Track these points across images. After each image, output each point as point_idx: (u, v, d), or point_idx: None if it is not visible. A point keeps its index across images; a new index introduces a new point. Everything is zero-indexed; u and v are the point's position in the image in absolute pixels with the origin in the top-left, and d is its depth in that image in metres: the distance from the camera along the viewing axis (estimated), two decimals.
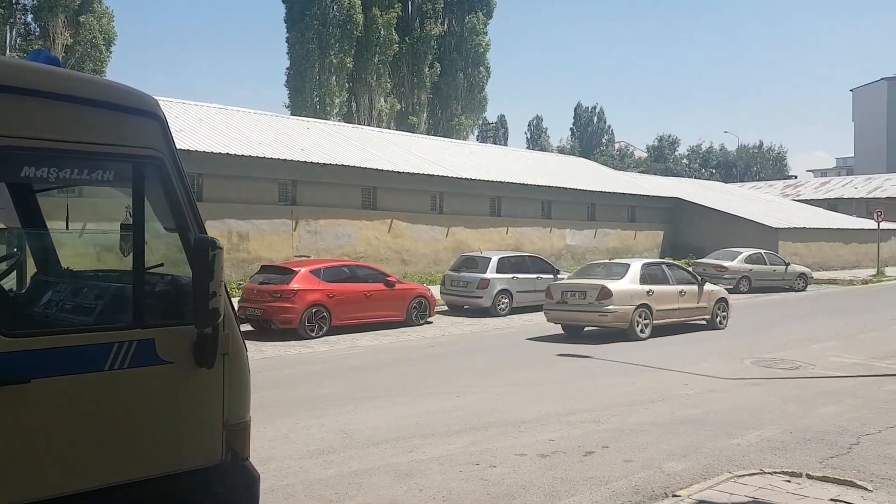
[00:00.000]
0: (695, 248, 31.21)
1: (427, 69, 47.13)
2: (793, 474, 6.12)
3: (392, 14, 43.99)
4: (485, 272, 17.17)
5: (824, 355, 12.21)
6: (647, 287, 14.33)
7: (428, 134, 43.00)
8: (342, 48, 42.40)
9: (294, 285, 13.95)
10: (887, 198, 45.36)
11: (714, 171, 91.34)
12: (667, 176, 57.69)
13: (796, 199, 49.50)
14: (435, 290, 18.00)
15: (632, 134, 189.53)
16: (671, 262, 18.78)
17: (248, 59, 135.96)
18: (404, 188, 24.34)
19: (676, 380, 10.15)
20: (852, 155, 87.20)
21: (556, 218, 29.58)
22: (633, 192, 33.87)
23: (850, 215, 42.03)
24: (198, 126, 21.94)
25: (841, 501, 5.49)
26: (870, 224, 34.22)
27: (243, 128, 23.61)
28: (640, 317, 14.04)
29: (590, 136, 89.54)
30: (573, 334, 14.66)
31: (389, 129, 40.72)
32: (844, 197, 49.25)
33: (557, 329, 15.20)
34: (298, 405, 8.70)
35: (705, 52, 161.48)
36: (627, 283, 14.22)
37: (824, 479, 6.03)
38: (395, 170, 23.89)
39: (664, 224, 34.67)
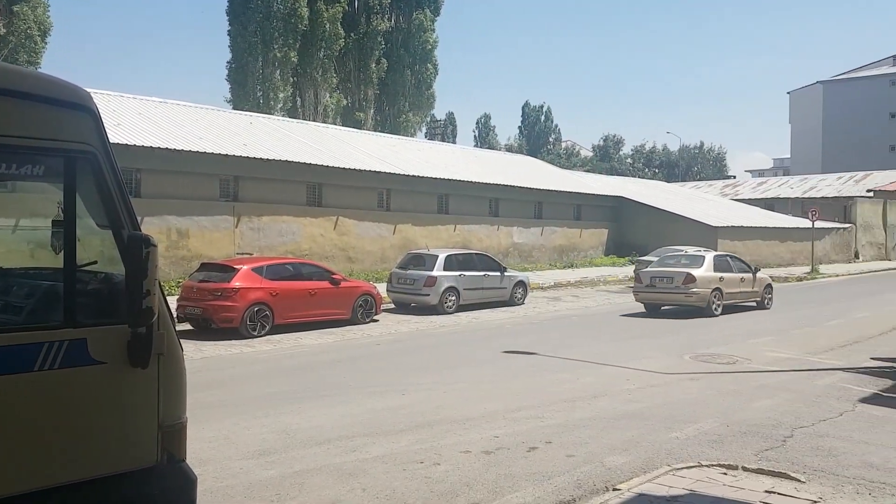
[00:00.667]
0: (638, 246, 31.73)
1: (374, 65, 46.80)
2: (729, 467, 6.25)
3: (338, 8, 43.54)
4: (432, 270, 17.12)
5: (761, 350, 12.56)
6: (719, 274, 17.59)
7: (375, 130, 42.69)
8: (286, 42, 41.76)
9: (235, 283, 13.67)
10: (821, 197, 46.99)
11: (657, 170, 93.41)
12: (612, 175, 58.67)
13: (735, 198, 50.84)
14: (382, 288, 17.86)
15: (578, 133, 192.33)
16: (733, 254, 21.38)
17: (189, 52, 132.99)
18: (350, 185, 24.07)
19: (619, 375, 10.29)
20: (789, 156, 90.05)
21: (504, 216, 29.74)
22: (579, 191, 34.29)
23: (787, 214, 43.36)
24: (136, 120, 21.29)
25: (775, 493, 5.62)
26: (805, 223, 35.38)
27: (184, 122, 23.03)
28: (715, 298, 17.22)
29: (537, 135, 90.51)
30: (653, 312, 17.78)
31: (335, 124, 40.35)
32: (781, 197, 50.80)
33: (502, 328, 15.36)
34: (240, 405, 8.53)
35: (649, 54, 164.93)
36: (705, 271, 17.41)
37: (759, 471, 6.18)
38: (342, 166, 23.61)
39: (609, 222, 35.21)
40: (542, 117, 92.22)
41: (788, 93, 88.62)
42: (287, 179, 22.44)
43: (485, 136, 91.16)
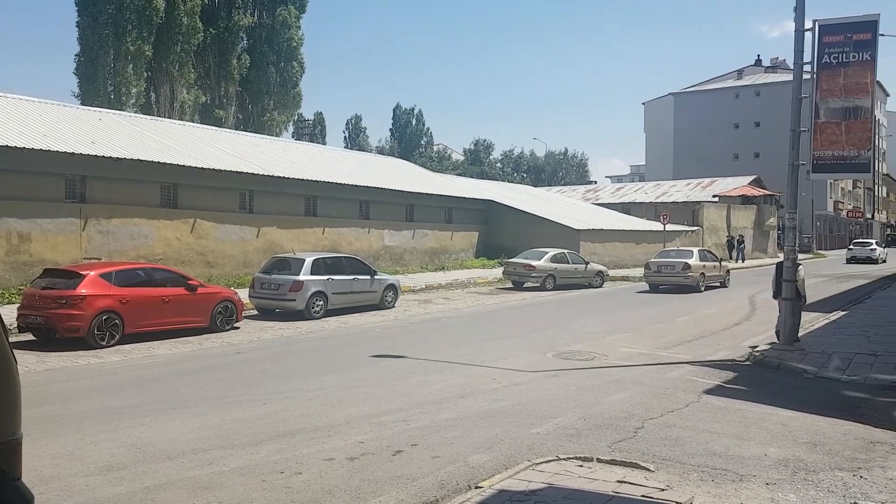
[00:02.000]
0: (507, 248, 32.47)
1: (235, 61, 45.27)
2: (585, 459, 6.45)
3: (196, 1, 41.79)
4: (298, 274, 16.63)
5: (616, 346, 13.15)
6: (703, 263, 25.19)
7: (237, 129, 41.26)
8: (140, 35, 39.60)
9: (81, 290, 12.70)
10: (672, 202, 50.22)
11: (525, 174, 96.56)
12: (482, 179, 59.92)
13: (596, 202, 53.35)
14: (244, 294, 17.20)
15: (450, 137, 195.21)
16: (707, 249, 29.57)
17: (34, 44, 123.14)
18: (209, 185, 22.95)
19: (486, 375, 10.43)
20: (644, 163, 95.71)
21: (375, 218, 29.46)
22: (451, 194, 34.65)
23: (642, 218, 45.97)
24: None
25: (626, 483, 5.85)
26: (658, 226, 37.59)
27: (26, 118, 21.16)
28: (701, 279, 24.61)
29: (409, 138, 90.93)
30: (654, 289, 25.04)
31: (194, 122, 38.61)
32: (637, 201, 53.85)
33: (372, 332, 15.22)
34: (87, 419, 7.97)
35: (518, 62, 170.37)
36: (695, 261, 24.82)
37: (612, 462, 6.42)
38: (199, 166, 22.42)
39: (479, 225, 35.82)
40: (414, 120, 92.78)
41: (643, 103, 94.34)
42: (139, 179, 21.09)
43: (355, 138, 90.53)
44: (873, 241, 52.29)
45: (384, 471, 6.24)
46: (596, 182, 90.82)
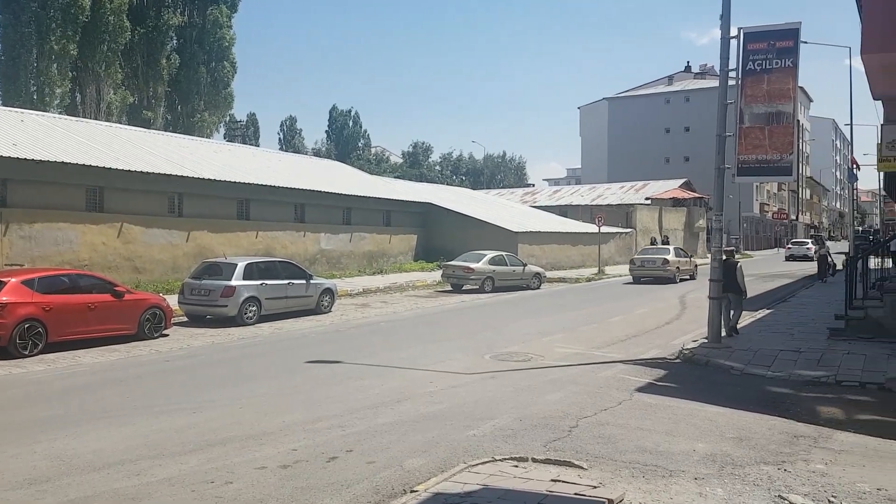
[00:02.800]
0: (446, 251, 32.52)
1: (164, 61, 44.06)
2: (520, 459, 6.48)
3: (123, 0, 40.53)
4: (230, 279, 16.23)
5: (552, 347, 13.29)
6: (678, 258, 29.76)
7: (166, 130, 40.15)
8: (65, 34, 38.16)
9: (2, 298, 12.18)
10: (607, 205, 51.23)
11: (464, 177, 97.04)
12: (421, 182, 59.92)
13: (534, 205, 53.97)
14: (173, 300, 16.70)
15: (388, 139, 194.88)
16: (681, 248, 33.95)
17: None
18: (137, 189, 22.19)
19: (423, 378, 10.39)
20: (580, 166, 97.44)
21: (311, 222, 29.05)
22: (389, 197, 34.50)
23: (578, 220, 46.74)
24: None
25: (560, 481, 5.89)
26: (593, 228, 38.24)
27: None
28: (677, 272, 28.96)
29: (346, 140, 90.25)
30: (637, 281, 29.08)
31: (121, 123, 37.43)
32: (573, 204, 54.70)
33: (307, 337, 15.02)
34: (8, 431, 7.68)
35: (456, 66, 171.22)
36: (672, 256, 29.45)
37: (547, 461, 6.46)
38: (126, 168, 21.67)
39: (418, 228, 35.77)
40: (351, 122, 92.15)
41: (579, 108, 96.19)
42: (63, 182, 20.27)
43: (290, 140, 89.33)
44: (808, 240, 56.44)
45: (318, 478, 6.13)
46: (534, 185, 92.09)
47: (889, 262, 18.11)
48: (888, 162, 15.47)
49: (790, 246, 53.69)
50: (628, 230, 45.33)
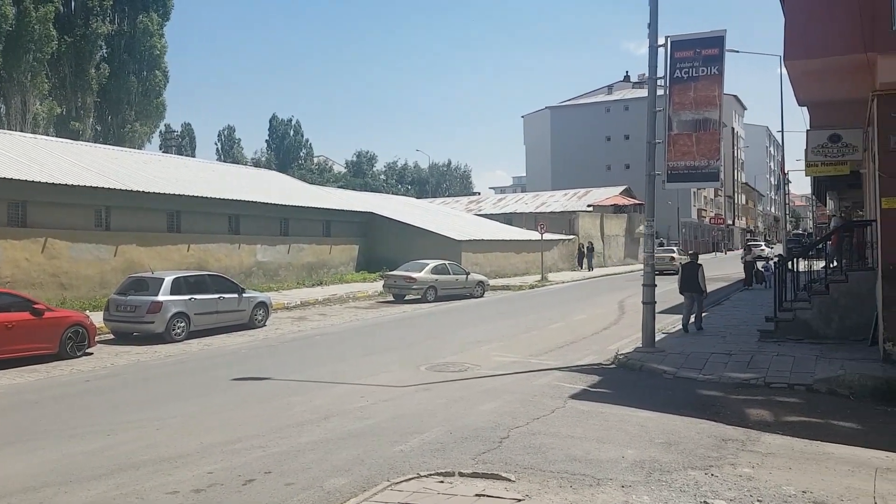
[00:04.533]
0: (389, 261, 32.19)
1: (93, 70, 42.65)
2: (446, 474, 6.27)
3: (49, 8, 39.09)
4: (157, 294, 15.61)
5: (490, 356, 13.15)
6: (680, 256, 34.21)
7: (96, 142, 38.84)
8: None
9: None
10: (550, 212, 51.71)
11: (409, 186, 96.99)
12: (366, 191, 59.46)
13: (479, 213, 54.12)
14: (100, 317, 16.00)
15: (331, 149, 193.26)
16: (679, 247, 38.99)
17: None
18: (62, 202, 21.22)
19: (354, 393, 10.10)
20: (525, 174, 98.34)
21: (246, 233, 28.29)
22: (329, 207, 34.00)
23: (522, 228, 47.01)
24: None
25: (485, 496, 5.70)
26: (537, 235, 38.43)
27: None
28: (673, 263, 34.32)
29: (287, 150, 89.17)
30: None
31: (48, 135, 36.01)
32: (518, 212, 55.05)
33: (237, 353, 14.52)
34: None
35: (400, 74, 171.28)
36: (676, 254, 36.78)
37: (474, 475, 6.27)
38: (50, 181, 20.73)
39: (360, 238, 35.33)
40: (292, 131, 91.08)
41: (523, 116, 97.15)
42: None
43: (229, 150, 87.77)
44: (762, 242, 61.32)
45: (231, 502, 5.83)
46: (479, 193, 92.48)
47: (820, 264, 18.58)
48: (815, 167, 15.84)
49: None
50: (571, 237, 45.80)
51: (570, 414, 8.63)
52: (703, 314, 16.44)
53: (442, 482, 6.09)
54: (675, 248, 40.86)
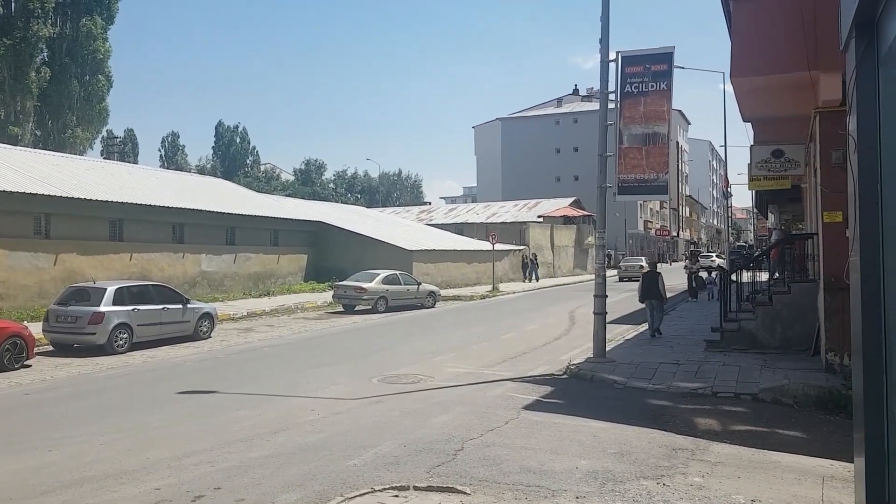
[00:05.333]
0: (338, 271, 31.86)
1: (34, 74, 41.30)
2: (401, 489, 6.20)
3: None
4: (98, 305, 15.10)
5: (443, 367, 13.09)
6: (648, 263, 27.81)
7: (35, 147, 37.53)
8: None
9: None
10: (501, 223, 52.02)
11: (359, 195, 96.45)
12: (314, 200, 58.84)
13: (430, 223, 54.07)
14: (38, 328, 15.40)
15: (279, 156, 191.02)
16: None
17: None
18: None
19: (305, 406, 9.92)
20: (476, 184, 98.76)
21: (190, 242, 27.62)
22: (277, 216, 33.50)
23: (474, 238, 47.14)
24: None
25: None
26: (488, 245, 38.58)
27: None
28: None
29: (233, 157, 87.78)
30: (621, 280, 41.61)
31: None
32: (469, 222, 55.20)
33: (182, 366, 14.15)
34: None
35: (349, 82, 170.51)
36: (646, 262, 28.47)
37: (429, 488, 6.21)
38: None
39: (309, 247, 34.91)
40: (238, 138, 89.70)
41: (473, 127, 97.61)
42: None
43: (172, 157, 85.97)
44: (714, 254, 63.80)
45: None
46: (430, 203, 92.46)
47: (764, 275, 19.11)
48: (757, 181, 16.34)
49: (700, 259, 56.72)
50: (522, 247, 46.14)
51: (524, 425, 8.64)
52: (645, 326, 16.79)
53: (397, 496, 6.02)
54: (643, 258, 43.47)
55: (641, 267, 39.04)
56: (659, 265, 20.74)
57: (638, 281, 29.34)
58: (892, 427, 4.19)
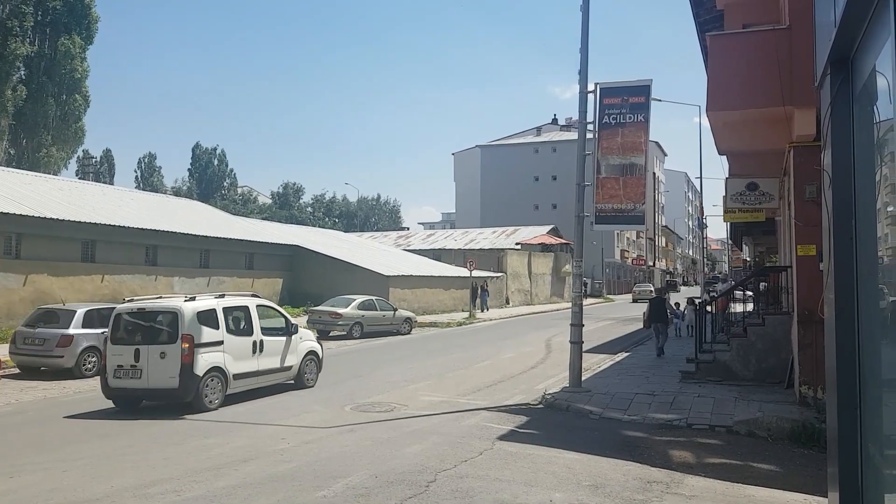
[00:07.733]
0: (314, 296, 31.59)
1: (10, 92, 40.88)
2: None
3: None
4: (67, 327, 14.81)
5: (417, 395, 12.93)
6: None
7: (9, 165, 37.00)
8: None
9: None
10: (479, 249, 52.11)
11: (337, 220, 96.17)
12: (292, 223, 58.54)
13: (408, 248, 54.00)
14: (5, 350, 15.03)
15: (257, 179, 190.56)
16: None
17: None
18: None
19: (275, 435, 9.72)
20: (455, 210, 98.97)
21: (164, 265, 27.27)
22: (252, 239, 33.23)
23: (451, 264, 47.11)
24: None
25: None
26: (465, 272, 38.59)
27: None
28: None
29: (210, 179, 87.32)
30: (635, 301, 51.67)
31: None
32: (447, 248, 55.22)
33: None
34: None
35: (328, 107, 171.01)
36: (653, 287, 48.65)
37: None
38: None
39: (284, 271, 34.63)
40: (216, 160, 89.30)
41: (453, 154, 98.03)
42: None
43: (148, 178, 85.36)
44: (650, 286, 64.37)
45: None
46: (408, 228, 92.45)
47: (738, 307, 19.24)
48: (732, 213, 16.52)
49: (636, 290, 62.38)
50: (499, 274, 46.18)
51: (499, 456, 8.51)
52: (627, 353, 16.77)
53: None
54: (651, 285, 53.90)
55: (650, 292, 46.24)
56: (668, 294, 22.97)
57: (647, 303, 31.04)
58: (865, 463, 4.17)
